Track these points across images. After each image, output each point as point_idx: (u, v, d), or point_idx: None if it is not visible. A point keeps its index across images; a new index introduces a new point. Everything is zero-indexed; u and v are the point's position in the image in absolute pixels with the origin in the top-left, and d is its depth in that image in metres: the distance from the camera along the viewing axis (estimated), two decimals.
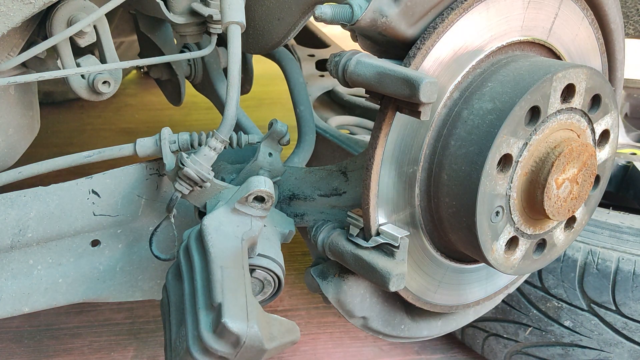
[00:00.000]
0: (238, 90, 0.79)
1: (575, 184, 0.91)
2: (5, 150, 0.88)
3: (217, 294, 0.64)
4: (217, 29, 0.91)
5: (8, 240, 0.82)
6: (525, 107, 0.83)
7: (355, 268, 0.88)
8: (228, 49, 0.79)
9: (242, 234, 0.73)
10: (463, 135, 0.86)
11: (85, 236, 0.90)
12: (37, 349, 1.45)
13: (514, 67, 0.88)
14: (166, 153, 0.83)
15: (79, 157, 0.83)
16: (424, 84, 0.72)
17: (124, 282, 0.95)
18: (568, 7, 0.97)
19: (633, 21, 1.60)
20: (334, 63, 0.84)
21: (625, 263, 1.21)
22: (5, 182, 0.80)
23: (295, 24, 0.94)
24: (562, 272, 1.26)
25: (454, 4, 0.84)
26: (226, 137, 0.79)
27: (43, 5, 0.71)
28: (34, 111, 0.92)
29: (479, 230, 0.85)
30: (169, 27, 1.19)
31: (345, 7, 0.81)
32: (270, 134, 0.85)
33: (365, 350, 1.43)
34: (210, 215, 0.74)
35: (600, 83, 0.92)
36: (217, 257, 0.68)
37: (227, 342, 0.62)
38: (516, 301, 1.34)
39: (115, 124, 2.87)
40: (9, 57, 0.79)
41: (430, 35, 0.83)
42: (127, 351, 1.44)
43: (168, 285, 0.75)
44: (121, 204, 0.89)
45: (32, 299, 0.88)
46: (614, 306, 1.22)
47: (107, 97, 0.86)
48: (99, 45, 0.84)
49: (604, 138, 1.01)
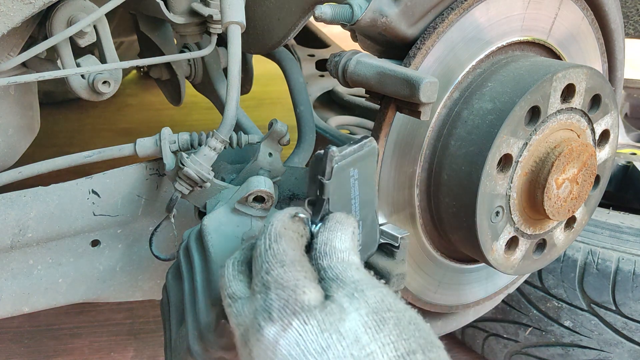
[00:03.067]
0: (238, 90, 0.79)
1: (575, 184, 0.91)
2: (5, 150, 0.88)
3: (217, 294, 0.64)
4: (217, 29, 0.91)
5: (8, 240, 0.82)
6: (525, 107, 0.83)
7: None
8: (228, 49, 0.79)
9: (242, 234, 0.73)
10: (463, 135, 0.86)
11: (85, 236, 0.90)
12: (37, 349, 1.45)
13: (514, 67, 0.88)
14: (166, 153, 0.83)
15: (79, 157, 0.83)
16: (424, 84, 0.72)
17: (124, 282, 0.95)
18: (568, 7, 0.97)
19: (633, 21, 1.60)
20: (334, 63, 0.84)
21: (625, 263, 1.21)
22: (5, 182, 0.80)
23: (295, 24, 0.94)
24: (562, 272, 1.26)
25: (454, 4, 0.84)
26: (226, 137, 0.79)
27: (43, 5, 0.71)
28: (34, 111, 0.92)
29: (479, 230, 0.85)
30: (169, 27, 1.19)
31: (345, 7, 0.81)
32: (270, 134, 0.85)
33: None
34: (210, 215, 0.74)
35: (600, 83, 0.92)
36: (217, 257, 0.68)
37: (227, 342, 0.62)
38: (516, 301, 1.34)
39: (115, 124, 2.87)
40: (9, 57, 0.79)
41: (430, 35, 0.83)
42: (127, 351, 1.44)
43: (168, 285, 0.75)
44: (121, 204, 0.89)
45: (32, 299, 0.88)
46: (614, 306, 1.22)
47: (107, 97, 0.85)
48: (99, 45, 0.84)
49: (604, 138, 1.01)
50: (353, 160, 0.62)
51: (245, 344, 0.50)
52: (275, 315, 0.48)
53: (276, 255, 0.52)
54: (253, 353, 0.48)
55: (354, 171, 0.64)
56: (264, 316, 0.49)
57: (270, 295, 0.49)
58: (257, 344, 0.48)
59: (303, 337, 0.46)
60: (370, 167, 0.66)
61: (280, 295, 0.49)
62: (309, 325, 0.47)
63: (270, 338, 0.47)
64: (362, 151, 0.66)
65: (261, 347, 0.48)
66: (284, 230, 0.54)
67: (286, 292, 0.49)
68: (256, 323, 0.49)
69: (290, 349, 0.46)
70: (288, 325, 0.47)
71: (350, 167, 0.63)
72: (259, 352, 0.48)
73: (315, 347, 0.46)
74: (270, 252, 0.52)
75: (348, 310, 0.48)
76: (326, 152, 0.60)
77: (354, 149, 0.65)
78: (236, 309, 0.52)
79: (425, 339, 0.47)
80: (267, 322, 0.48)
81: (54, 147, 2.55)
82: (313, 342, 0.46)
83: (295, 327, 0.47)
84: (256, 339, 0.48)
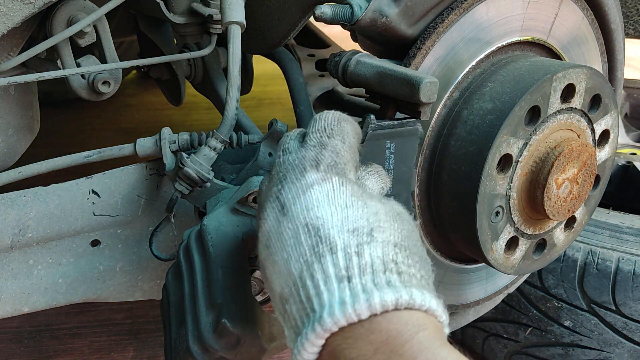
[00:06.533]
0: (238, 90, 0.79)
1: (575, 184, 0.91)
2: (5, 151, 0.88)
3: (217, 294, 0.64)
4: (217, 29, 0.91)
5: (8, 240, 0.82)
6: (525, 107, 0.83)
7: None
8: (228, 49, 0.79)
9: (242, 234, 0.73)
10: (463, 135, 0.86)
11: (85, 236, 0.90)
12: (37, 349, 1.45)
13: (514, 67, 0.88)
14: (166, 153, 0.83)
15: (79, 157, 0.83)
16: (424, 84, 0.72)
17: (124, 282, 0.95)
18: (568, 7, 0.97)
19: (633, 21, 1.60)
20: (334, 63, 0.84)
21: (625, 263, 1.21)
22: (5, 182, 0.80)
23: (295, 24, 0.94)
24: (562, 272, 1.26)
25: (454, 4, 0.84)
26: (226, 137, 0.79)
27: (43, 5, 0.71)
28: (34, 111, 0.92)
29: (479, 230, 0.85)
30: (169, 27, 1.18)
31: (345, 7, 0.81)
32: (270, 134, 0.85)
33: None
34: (210, 215, 0.74)
35: (600, 83, 0.92)
36: (217, 257, 0.68)
37: (227, 342, 0.63)
38: (516, 301, 1.34)
39: (115, 124, 2.87)
40: (9, 57, 0.79)
41: (430, 35, 0.83)
42: (127, 351, 1.44)
43: (168, 285, 0.75)
44: (121, 204, 0.89)
45: (32, 299, 0.88)
46: (614, 306, 1.22)
47: (107, 97, 0.85)
48: (99, 45, 0.84)
49: (604, 138, 1.01)
50: (390, 134, 0.65)
51: (279, 183, 0.56)
52: (322, 167, 0.56)
53: (342, 131, 0.60)
54: (284, 189, 0.55)
55: (391, 144, 0.66)
56: (312, 164, 0.56)
57: (324, 153, 0.57)
58: (295, 182, 0.55)
59: (335, 192, 0.54)
60: (410, 146, 0.68)
61: (332, 157, 0.57)
62: (344, 187, 0.55)
63: (308, 181, 0.55)
64: (402, 128, 0.70)
65: (296, 185, 0.55)
66: (352, 122, 0.63)
67: (338, 158, 0.57)
68: (302, 166, 0.56)
69: (320, 195, 0.54)
70: (328, 178, 0.55)
71: (387, 139, 0.65)
72: (291, 189, 0.55)
73: (341, 202, 0.53)
74: (338, 126, 0.60)
75: (376, 197, 0.57)
76: (365, 118, 0.63)
77: (393, 124, 0.70)
78: (283, 159, 0.59)
79: (416, 245, 0.55)
80: (312, 169, 0.56)
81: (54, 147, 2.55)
82: (340, 197, 0.54)
83: (333, 182, 0.55)
84: (295, 178, 0.56)
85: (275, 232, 0.54)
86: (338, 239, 0.50)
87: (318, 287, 0.48)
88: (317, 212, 0.52)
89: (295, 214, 0.53)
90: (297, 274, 0.50)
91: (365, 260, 0.49)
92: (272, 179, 0.59)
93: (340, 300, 0.47)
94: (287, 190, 0.55)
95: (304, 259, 0.50)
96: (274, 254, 0.53)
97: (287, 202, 0.54)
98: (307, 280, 0.49)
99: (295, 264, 0.51)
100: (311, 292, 0.49)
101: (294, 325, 0.50)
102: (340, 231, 0.51)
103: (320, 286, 0.48)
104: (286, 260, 0.52)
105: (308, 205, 0.53)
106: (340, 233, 0.51)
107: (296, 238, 0.52)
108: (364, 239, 0.50)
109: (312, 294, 0.48)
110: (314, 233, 0.51)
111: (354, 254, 0.49)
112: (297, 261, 0.51)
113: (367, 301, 0.46)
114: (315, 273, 0.49)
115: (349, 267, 0.49)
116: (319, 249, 0.50)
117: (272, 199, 0.56)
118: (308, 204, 0.53)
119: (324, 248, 0.50)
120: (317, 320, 0.47)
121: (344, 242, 0.50)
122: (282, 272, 0.52)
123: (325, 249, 0.50)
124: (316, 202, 0.53)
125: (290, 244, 0.52)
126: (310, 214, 0.52)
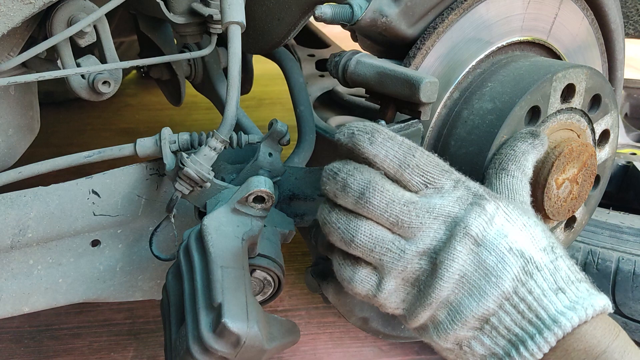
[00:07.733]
0: (238, 90, 0.79)
1: (575, 184, 0.91)
2: (5, 150, 0.88)
3: (217, 294, 0.64)
4: (217, 29, 0.91)
5: (8, 240, 0.82)
6: (525, 107, 0.83)
7: None
8: (228, 49, 0.79)
9: (242, 234, 0.73)
10: (463, 135, 0.86)
11: (85, 236, 0.90)
12: (37, 349, 1.45)
13: (514, 67, 0.88)
14: (166, 153, 0.83)
15: (79, 157, 0.83)
16: (424, 83, 0.73)
17: (124, 282, 0.95)
18: (568, 7, 0.97)
19: (633, 21, 1.60)
20: (334, 63, 0.84)
21: (625, 263, 1.21)
22: (5, 182, 0.80)
23: (295, 24, 0.94)
24: None
25: (454, 4, 0.84)
26: (226, 137, 0.79)
27: (43, 5, 0.71)
28: (34, 111, 0.92)
29: None
30: (169, 27, 1.18)
31: (345, 7, 0.81)
32: (270, 134, 0.85)
33: (365, 350, 1.43)
34: (210, 215, 0.74)
35: (600, 83, 0.92)
36: (217, 257, 0.68)
37: (227, 342, 0.62)
38: None
39: (115, 124, 2.87)
40: (9, 57, 0.79)
41: (430, 35, 0.83)
42: (127, 351, 1.44)
43: (168, 285, 0.75)
44: (121, 204, 0.89)
45: (32, 299, 0.88)
46: (614, 306, 1.22)
47: (107, 97, 0.85)
48: (99, 45, 0.84)
49: (604, 138, 1.01)
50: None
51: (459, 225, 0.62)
52: (487, 196, 0.64)
53: (440, 164, 0.66)
54: (472, 226, 0.62)
55: None
56: (477, 198, 0.64)
57: (468, 184, 0.65)
58: (481, 216, 0.62)
59: (508, 215, 0.63)
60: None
61: (476, 187, 0.66)
62: (510, 207, 0.64)
63: (490, 211, 0.63)
64: (408, 130, 0.77)
65: (484, 218, 0.62)
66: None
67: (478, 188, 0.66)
68: (475, 203, 0.63)
69: (502, 220, 0.63)
70: (498, 205, 0.64)
71: None
72: (480, 223, 0.62)
73: (519, 223, 0.63)
74: (433, 161, 0.66)
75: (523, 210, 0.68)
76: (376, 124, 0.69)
77: (401, 127, 0.77)
78: (423, 205, 0.63)
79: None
80: (484, 200, 0.63)
81: (54, 147, 2.55)
82: (517, 220, 0.63)
83: (503, 207, 0.64)
84: (478, 214, 0.62)
85: (473, 261, 0.62)
86: (539, 259, 0.61)
87: (540, 299, 0.59)
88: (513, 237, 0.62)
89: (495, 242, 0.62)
90: (511, 291, 0.60)
91: (562, 274, 0.61)
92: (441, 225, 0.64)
93: (569, 306, 0.59)
94: (477, 225, 0.62)
95: (517, 278, 0.60)
96: (474, 280, 0.61)
97: (479, 234, 0.62)
98: (527, 295, 0.60)
99: (510, 283, 0.60)
100: (533, 304, 0.59)
101: (509, 333, 0.60)
102: (536, 251, 0.62)
103: (543, 298, 0.59)
104: (494, 282, 0.60)
105: (502, 233, 0.62)
106: (536, 253, 0.61)
107: (503, 262, 0.61)
108: (553, 257, 0.62)
109: (535, 305, 0.59)
110: (519, 255, 0.61)
111: (554, 270, 0.61)
112: (512, 280, 0.60)
113: (592, 306, 0.59)
114: (533, 288, 0.60)
115: (557, 280, 0.60)
116: (529, 268, 0.60)
117: (459, 235, 0.62)
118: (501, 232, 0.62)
119: (531, 267, 0.60)
120: (554, 323, 0.58)
121: (544, 261, 0.61)
122: (486, 293, 0.61)
123: (532, 267, 0.60)
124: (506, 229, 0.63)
125: (498, 268, 0.61)
126: (508, 239, 0.62)
